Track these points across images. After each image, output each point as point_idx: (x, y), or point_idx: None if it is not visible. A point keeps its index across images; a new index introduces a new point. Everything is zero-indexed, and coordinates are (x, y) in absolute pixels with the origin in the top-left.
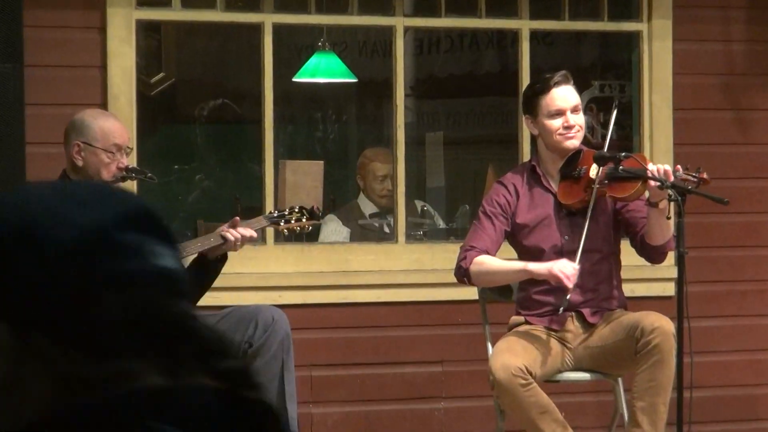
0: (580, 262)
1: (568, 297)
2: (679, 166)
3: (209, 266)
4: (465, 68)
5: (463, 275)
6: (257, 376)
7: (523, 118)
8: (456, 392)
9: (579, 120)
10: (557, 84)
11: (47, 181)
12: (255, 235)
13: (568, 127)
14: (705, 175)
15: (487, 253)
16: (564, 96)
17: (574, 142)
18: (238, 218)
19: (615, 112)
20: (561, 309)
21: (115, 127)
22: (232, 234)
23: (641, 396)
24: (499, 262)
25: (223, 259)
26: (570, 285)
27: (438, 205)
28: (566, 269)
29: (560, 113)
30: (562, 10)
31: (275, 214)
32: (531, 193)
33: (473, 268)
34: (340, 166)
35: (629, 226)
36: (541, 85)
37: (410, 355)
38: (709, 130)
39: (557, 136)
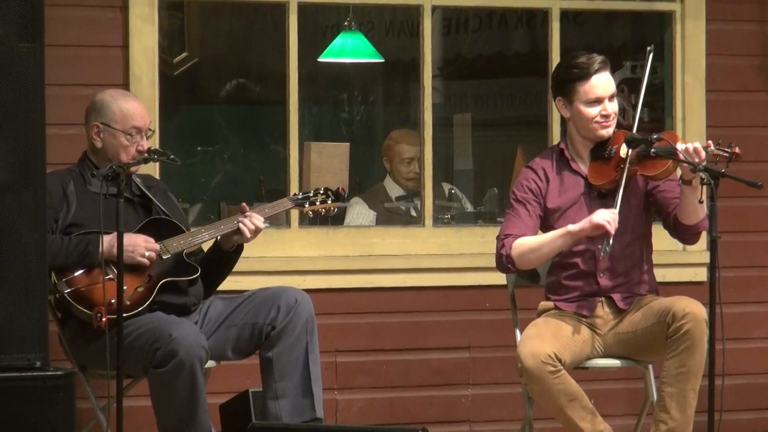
0: (612, 245)
1: (611, 241)
2: (710, 142)
3: (224, 257)
4: (494, 48)
5: (506, 263)
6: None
7: (555, 101)
8: (483, 379)
9: (615, 107)
10: (597, 71)
11: None
12: (264, 226)
13: (606, 116)
14: (737, 150)
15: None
16: (603, 84)
17: (609, 131)
18: (244, 204)
19: (650, 59)
20: (602, 253)
21: (135, 109)
22: (246, 224)
23: (671, 382)
24: (538, 237)
25: (239, 249)
26: (612, 230)
27: (466, 188)
28: (605, 215)
29: (599, 101)
30: None
31: (300, 196)
32: (560, 177)
33: (515, 251)
34: (366, 148)
35: (661, 207)
36: (579, 71)
37: (437, 341)
38: (743, 112)
39: (593, 124)
